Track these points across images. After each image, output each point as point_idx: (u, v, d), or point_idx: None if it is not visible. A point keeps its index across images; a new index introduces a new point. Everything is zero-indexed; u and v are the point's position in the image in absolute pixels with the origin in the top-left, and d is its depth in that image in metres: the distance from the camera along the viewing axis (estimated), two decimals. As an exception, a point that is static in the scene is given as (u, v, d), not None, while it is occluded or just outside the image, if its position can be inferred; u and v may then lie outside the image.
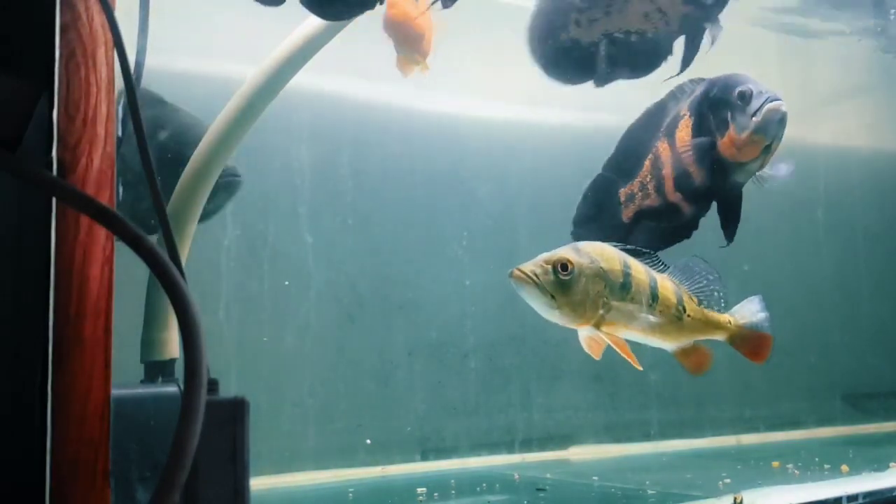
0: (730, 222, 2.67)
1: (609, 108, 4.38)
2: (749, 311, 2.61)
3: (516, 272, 2.33)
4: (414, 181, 3.90)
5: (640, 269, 2.46)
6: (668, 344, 2.56)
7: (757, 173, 2.59)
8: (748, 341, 2.60)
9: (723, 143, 2.57)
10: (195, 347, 1.00)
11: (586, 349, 2.47)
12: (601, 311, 2.39)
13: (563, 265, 2.35)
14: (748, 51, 4.10)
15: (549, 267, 2.34)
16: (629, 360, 2.40)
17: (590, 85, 2.70)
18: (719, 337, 2.60)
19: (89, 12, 1.31)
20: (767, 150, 2.55)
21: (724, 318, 2.59)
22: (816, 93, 4.99)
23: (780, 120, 2.50)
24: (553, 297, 2.33)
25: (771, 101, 2.48)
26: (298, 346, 3.55)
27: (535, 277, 2.31)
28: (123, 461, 1.70)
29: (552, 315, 2.39)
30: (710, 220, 2.96)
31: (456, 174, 4.01)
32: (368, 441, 3.56)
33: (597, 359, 2.46)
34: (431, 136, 3.67)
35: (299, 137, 3.66)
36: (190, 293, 1.05)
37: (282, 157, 3.61)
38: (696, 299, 2.56)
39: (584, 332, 2.44)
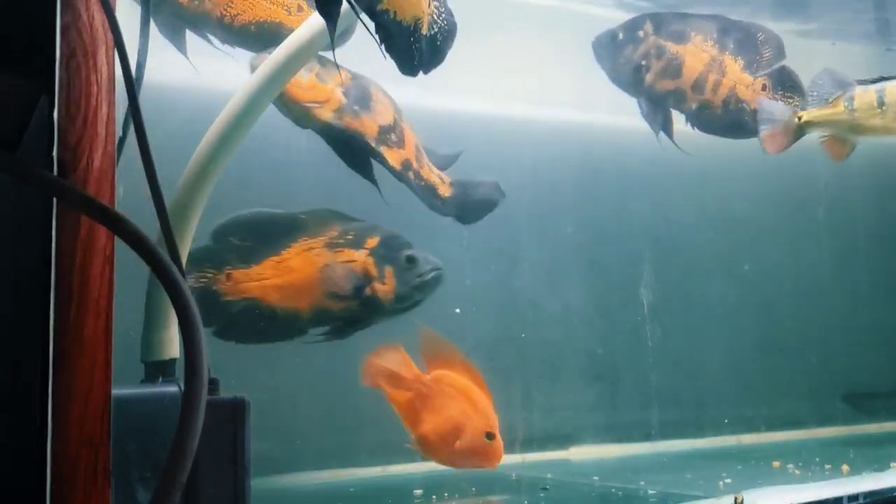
0: None
1: (607, 108, 4.39)
2: None
3: None
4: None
5: None
6: None
7: None
8: None
9: None
10: (196, 347, 1.00)
11: None
12: None
13: None
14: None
15: None
16: None
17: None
18: None
19: (90, 12, 1.31)
20: None
21: None
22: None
23: None
24: None
25: None
26: (298, 346, 3.54)
27: None
28: (124, 461, 1.70)
29: None
30: (712, 219, 2.97)
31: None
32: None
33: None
34: (432, 136, 3.65)
35: (299, 137, 3.65)
36: (190, 293, 1.05)
37: (281, 156, 3.61)
38: None
39: None
